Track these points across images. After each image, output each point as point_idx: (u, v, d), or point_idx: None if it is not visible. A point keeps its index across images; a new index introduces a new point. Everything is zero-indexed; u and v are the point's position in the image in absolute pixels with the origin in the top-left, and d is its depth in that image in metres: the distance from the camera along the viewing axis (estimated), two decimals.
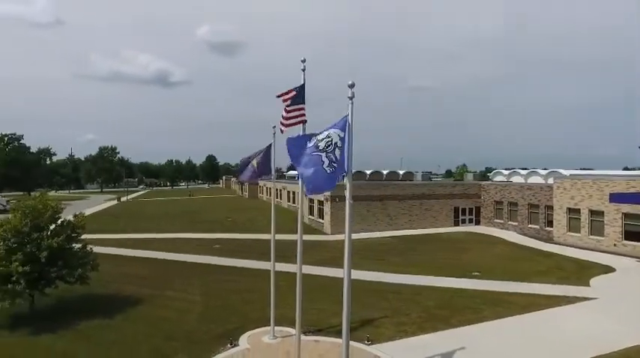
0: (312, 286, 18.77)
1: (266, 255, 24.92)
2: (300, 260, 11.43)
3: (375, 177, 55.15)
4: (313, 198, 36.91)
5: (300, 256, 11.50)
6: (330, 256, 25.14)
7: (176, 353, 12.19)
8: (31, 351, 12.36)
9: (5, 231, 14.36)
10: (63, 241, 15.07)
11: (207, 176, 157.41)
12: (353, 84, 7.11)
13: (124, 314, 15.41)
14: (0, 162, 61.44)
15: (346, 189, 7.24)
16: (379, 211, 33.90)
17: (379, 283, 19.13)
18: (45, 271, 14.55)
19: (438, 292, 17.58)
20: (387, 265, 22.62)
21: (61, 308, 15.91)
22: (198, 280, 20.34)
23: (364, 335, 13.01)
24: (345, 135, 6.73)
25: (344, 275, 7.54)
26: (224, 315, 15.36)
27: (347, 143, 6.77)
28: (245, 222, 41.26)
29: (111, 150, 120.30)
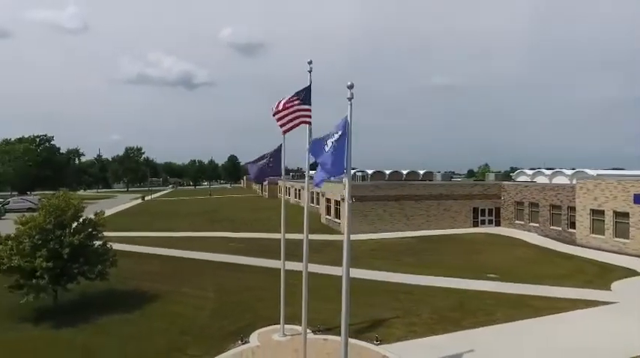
0: (324, 285, 18.90)
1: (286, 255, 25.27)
2: (305, 258, 11.61)
3: (394, 177, 54.84)
4: (330, 198, 37.04)
5: (305, 255, 11.69)
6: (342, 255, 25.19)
7: (189, 347, 12.53)
8: (52, 344, 12.93)
9: (30, 228, 15.05)
10: (84, 238, 15.69)
11: (228, 176, 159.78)
12: (352, 85, 7.20)
13: (141, 310, 15.91)
14: (32, 162, 64.16)
15: (345, 189, 7.32)
16: (396, 211, 33.71)
17: (391, 283, 19.08)
18: (67, 267, 15.19)
19: (451, 293, 17.41)
20: (401, 265, 22.52)
21: (83, 303, 16.55)
22: (213, 277, 20.78)
23: (374, 335, 13.04)
24: (342, 135, 6.83)
25: (342, 274, 7.62)
26: (236, 312, 15.66)
27: (346, 143, 6.87)
28: (262, 221, 41.72)
29: (136, 151, 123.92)
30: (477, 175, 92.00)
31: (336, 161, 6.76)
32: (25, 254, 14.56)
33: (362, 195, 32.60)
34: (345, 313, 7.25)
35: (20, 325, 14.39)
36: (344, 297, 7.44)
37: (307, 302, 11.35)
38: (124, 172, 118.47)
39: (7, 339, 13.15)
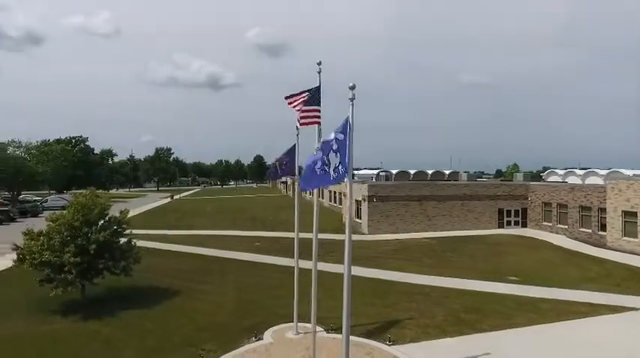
0: (339, 285, 18.95)
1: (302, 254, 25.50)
2: (315, 257, 11.76)
3: (419, 177, 54.21)
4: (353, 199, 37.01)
5: (315, 254, 11.83)
6: (363, 256, 25.16)
7: (205, 343, 12.89)
8: (77, 336, 13.60)
9: (60, 225, 15.89)
10: (109, 235, 16.41)
11: (254, 175, 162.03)
12: (354, 86, 7.29)
13: (162, 305, 16.48)
14: (68, 162, 67.37)
15: (346, 189, 7.41)
16: (418, 212, 33.34)
17: (408, 284, 18.94)
18: (93, 262, 15.94)
19: (468, 295, 17.13)
20: (419, 266, 22.30)
21: (109, 298, 17.30)
22: (235, 275, 21.24)
23: (386, 335, 13.04)
24: (344, 137, 6.92)
25: (344, 273, 7.72)
26: (254, 310, 15.97)
27: (347, 144, 6.96)
28: (285, 221, 42.16)
29: (166, 151, 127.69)
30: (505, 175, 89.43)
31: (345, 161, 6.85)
32: (54, 249, 15.38)
33: (383, 195, 32.47)
34: (347, 312, 7.34)
35: (50, 317, 15.20)
36: (345, 296, 7.53)
37: (316, 300, 11.48)
38: (154, 172, 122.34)
39: (38, 331, 13.93)
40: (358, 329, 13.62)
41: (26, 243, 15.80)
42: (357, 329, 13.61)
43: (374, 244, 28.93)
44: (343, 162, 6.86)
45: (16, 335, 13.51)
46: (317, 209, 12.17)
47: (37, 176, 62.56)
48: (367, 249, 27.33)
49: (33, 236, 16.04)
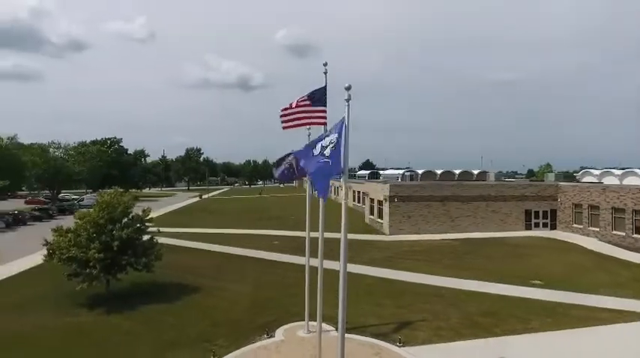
0: (356, 286, 19.02)
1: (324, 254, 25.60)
2: (320, 256, 11.80)
3: (445, 177, 53.18)
4: (374, 198, 36.84)
5: (320, 253, 11.87)
6: (382, 256, 25.06)
7: (218, 338, 13.24)
8: (100, 328, 14.27)
9: (86, 222, 16.70)
10: (131, 233, 17.10)
11: None
12: (349, 86, 7.34)
13: (181, 301, 17.01)
14: (103, 162, 70.41)
15: (341, 189, 7.47)
16: (440, 212, 32.76)
17: (425, 285, 18.70)
18: (117, 258, 16.66)
19: (486, 298, 16.75)
20: (439, 268, 21.96)
21: (132, 293, 18.00)
22: (252, 273, 21.63)
23: (397, 336, 12.96)
24: (340, 137, 6.99)
25: (340, 270, 7.76)
26: (269, 307, 16.22)
27: (342, 144, 7.02)
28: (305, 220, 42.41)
29: (196, 151, 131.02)
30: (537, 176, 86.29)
31: (335, 162, 6.92)
32: (80, 245, 16.19)
33: (405, 196, 32.11)
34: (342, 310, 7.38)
35: (77, 310, 16.01)
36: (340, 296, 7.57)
37: (322, 299, 11.56)
38: (185, 172, 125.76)
39: (64, 322, 14.70)
40: (369, 330, 13.64)
41: (55, 239, 16.70)
42: (367, 330, 13.64)
43: (394, 245, 28.68)
44: (337, 161, 6.93)
45: (44, 326, 14.32)
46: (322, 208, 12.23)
47: (74, 175, 65.75)
48: (386, 249, 27.15)
49: (61, 233, 16.94)
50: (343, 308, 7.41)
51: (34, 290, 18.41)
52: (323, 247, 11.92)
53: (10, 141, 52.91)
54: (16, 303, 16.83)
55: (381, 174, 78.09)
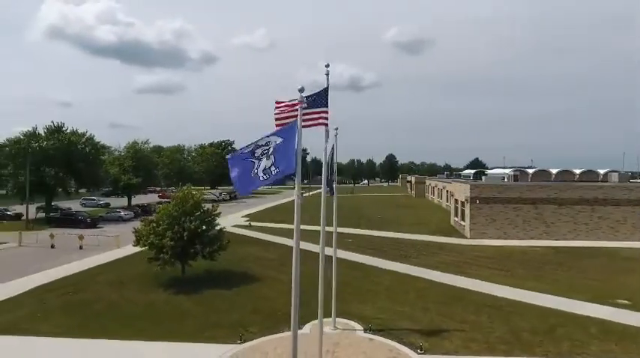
0: (408, 288, 18.60)
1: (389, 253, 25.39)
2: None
3: (563, 176, 47.23)
4: (457, 199, 34.65)
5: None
6: (451, 260, 23.67)
7: (252, 325, 14.32)
8: (166, 305, 16.55)
9: (163, 214, 19.43)
10: (199, 225, 19.33)
11: (386, 174, 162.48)
12: (302, 88, 7.54)
13: (238, 288, 18.63)
14: (216, 163, 79.09)
15: (295, 189, 7.69)
16: (532, 216, 29.33)
17: (484, 295, 17.25)
18: (186, 247, 19.05)
19: (549, 315, 14.83)
20: (509, 277, 19.97)
21: (202, 278, 20.30)
22: (312, 268, 22.43)
23: (420, 343, 12.44)
24: (286, 140, 7.25)
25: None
26: (310, 302, 16.78)
27: (292, 146, 7.27)
28: (391, 220, 41.84)
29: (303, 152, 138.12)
30: None
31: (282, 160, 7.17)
32: (157, 234, 18.91)
33: (488, 197, 29.57)
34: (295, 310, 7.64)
35: (156, 289, 18.73)
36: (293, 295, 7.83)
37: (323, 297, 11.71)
38: None
39: (144, 297, 17.37)
40: (398, 333, 13.35)
41: (141, 228, 19.79)
42: (395, 332, 13.37)
43: (469, 249, 26.74)
44: (280, 164, 7.19)
45: (130, 298, 17.24)
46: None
47: (194, 174, 75.27)
48: (458, 254, 25.48)
49: (146, 222, 19.97)
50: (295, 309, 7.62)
51: (133, 270, 21.93)
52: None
53: (144, 144, 62.99)
54: (119, 280, 20.35)
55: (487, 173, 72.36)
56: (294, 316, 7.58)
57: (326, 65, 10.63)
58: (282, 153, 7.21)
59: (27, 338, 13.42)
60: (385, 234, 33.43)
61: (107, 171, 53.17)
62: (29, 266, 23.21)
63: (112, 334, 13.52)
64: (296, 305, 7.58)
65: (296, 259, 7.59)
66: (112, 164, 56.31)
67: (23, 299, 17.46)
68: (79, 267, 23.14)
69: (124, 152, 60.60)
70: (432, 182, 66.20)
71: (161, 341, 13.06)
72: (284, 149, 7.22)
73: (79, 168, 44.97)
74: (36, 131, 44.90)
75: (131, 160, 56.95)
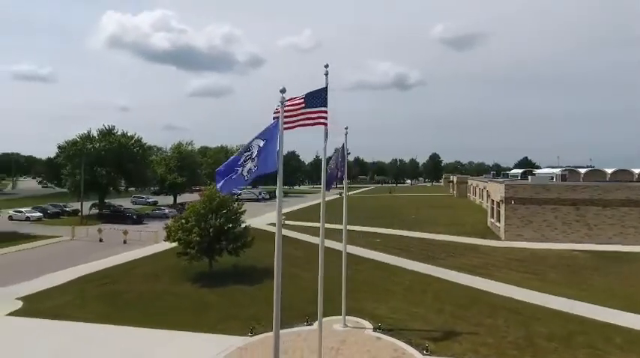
0: (426, 289, 18.37)
1: (416, 254, 25.06)
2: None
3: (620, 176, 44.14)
4: (494, 200, 33.35)
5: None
6: (479, 263, 22.96)
7: (265, 319, 14.73)
8: (192, 297, 17.47)
9: (191, 212, 20.47)
10: (224, 222, 20.18)
11: (430, 174, 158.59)
12: (284, 89, 7.82)
13: (261, 284, 19.19)
14: None
15: (276, 188, 7.97)
16: (572, 218, 27.63)
17: (505, 298, 16.68)
18: (212, 243, 19.97)
19: (570, 322, 14.11)
20: (537, 281, 19.10)
21: (229, 273, 21.12)
22: (336, 266, 22.65)
23: (426, 344, 12.31)
24: (267, 141, 7.56)
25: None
26: (329, 299, 16.89)
27: (274, 147, 7.57)
28: (426, 220, 41.01)
29: None
30: None
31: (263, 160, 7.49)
32: (185, 230, 19.97)
33: (524, 197, 28.22)
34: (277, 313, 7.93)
35: (184, 282, 19.79)
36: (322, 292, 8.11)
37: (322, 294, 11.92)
38: None
39: (173, 289, 18.46)
40: (407, 333, 13.34)
41: (171, 224, 20.97)
42: (405, 333, 13.35)
43: (501, 251, 25.71)
44: (260, 164, 7.50)
45: (161, 289, 18.41)
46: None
47: None
48: (488, 256, 24.61)
49: (176, 219, 21.15)
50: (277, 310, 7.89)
51: (166, 264, 23.24)
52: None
53: (188, 145, 66.06)
54: (153, 272, 21.70)
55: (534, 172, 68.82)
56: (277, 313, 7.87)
57: (325, 65, 10.83)
58: (264, 154, 7.54)
59: (64, 322, 14.76)
60: (416, 235, 32.90)
61: (154, 171, 56.31)
62: (77, 258, 25.29)
63: (136, 322, 14.55)
64: (278, 301, 7.85)
65: (278, 261, 7.87)
66: (159, 164, 59.51)
67: (67, 288, 19.14)
68: (119, 259, 24.89)
69: (170, 153, 63.84)
70: (474, 182, 63.95)
71: (179, 330, 13.87)
72: (265, 150, 7.55)
73: (128, 168, 48.02)
74: (90, 134, 48.51)
75: (176, 160, 59.88)
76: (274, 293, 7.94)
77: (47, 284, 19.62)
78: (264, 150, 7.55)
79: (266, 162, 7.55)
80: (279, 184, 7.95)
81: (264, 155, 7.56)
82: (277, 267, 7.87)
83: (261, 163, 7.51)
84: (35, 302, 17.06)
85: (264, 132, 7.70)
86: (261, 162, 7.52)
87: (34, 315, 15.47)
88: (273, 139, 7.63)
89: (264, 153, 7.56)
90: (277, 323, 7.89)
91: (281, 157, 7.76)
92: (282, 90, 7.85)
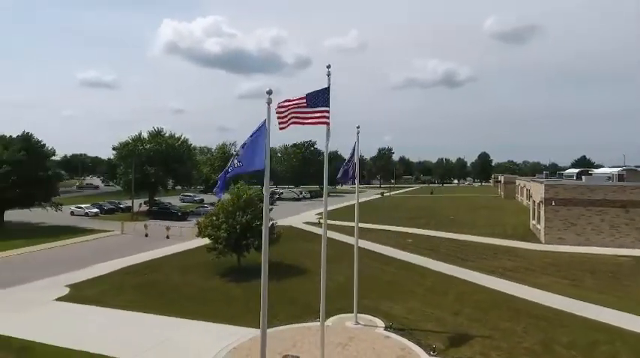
0: (447, 291, 18.06)
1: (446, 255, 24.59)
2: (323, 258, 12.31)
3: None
4: (535, 201, 31.67)
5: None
6: (512, 266, 22.06)
7: (281, 314, 15.20)
8: (218, 290, 18.30)
9: (220, 209, 21.43)
10: (250, 219, 20.93)
11: (478, 174, 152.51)
12: (270, 91, 8.16)
13: (285, 280, 19.71)
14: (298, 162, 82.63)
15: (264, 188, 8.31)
16: (621, 221, 25.62)
17: (531, 304, 15.97)
18: (239, 239, 20.79)
19: (595, 329, 13.33)
20: (570, 287, 18.06)
21: (256, 269, 21.76)
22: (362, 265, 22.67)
23: (435, 344, 12.18)
24: (254, 138, 7.92)
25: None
26: (346, 297, 17.24)
27: (260, 144, 7.92)
28: (465, 222, 39.75)
29: (387, 151, 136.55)
30: None
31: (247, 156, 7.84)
32: (214, 226, 20.96)
33: (566, 198, 26.59)
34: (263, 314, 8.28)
35: (213, 276, 20.78)
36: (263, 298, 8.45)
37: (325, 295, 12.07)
38: (376, 170, 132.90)
39: (202, 282, 19.47)
40: (418, 333, 13.24)
41: (202, 221, 22.08)
42: (416, 333, 13.28)
43: (539, 255, 24.45)
44: (243, 159, 7.86)
45: (191, 282, 19.56)
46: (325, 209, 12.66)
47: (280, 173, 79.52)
48: (524, 259, 23.51)
49: (207, 216, 22.23)
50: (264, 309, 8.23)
51: (200, 259, 24.42)
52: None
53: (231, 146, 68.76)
54: (187, 266, 22.97)
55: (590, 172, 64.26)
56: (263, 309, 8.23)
57: (327, 66, 11.03)
58: (251, 152, 7.92)
59: (101, 308, 16.12)
60: (450, 236, 32.04)
61: (200, 170, 59.12)
62: (123, 250, 27.28)
63: (163, 310, 15.58)
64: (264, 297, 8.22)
65: (264, 263, 8.23)
66: (204, 164, 62.44)
67: (109, 278, 20.78)
68: (159, 253, 26.53)
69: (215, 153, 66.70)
70: (521, 182, 60.84)
71: (199, 320, 14.69)
72: (251, 146, 7.93)
73: (174, 167, 50.79)
74: (140, 135, 51.83)
75: (220, 160, 62.46)
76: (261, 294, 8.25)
77: (93, 273, 21.43)
78: (249, 148, 7.93)
79: (253, 160, 7.92)
80: (266, 181, 8.31)
81: (251, 153, 7.93)
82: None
83: (248, 161, 7.90)
84: (80, 289, 18.73)
85: (254, 131, 8.09)
86: (247, 159, 7.91)
87: (78, 301, 17.02)
88: (260, 137, 7.99)
89: (250, 151, 7.94)
90: (264, 321, 8.24)
91: (267, 156, 8.09)
92: (268, 91, 8.19)
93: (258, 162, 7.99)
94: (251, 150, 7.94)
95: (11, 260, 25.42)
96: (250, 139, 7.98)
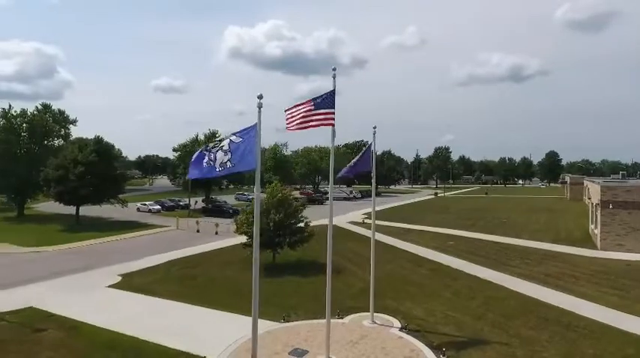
0: (476, 294, 17.61)
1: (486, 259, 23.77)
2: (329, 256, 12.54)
3: None
4: (593, 203, 29.22)
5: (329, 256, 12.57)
6: (557, 272, 20.81)
7: (301, 309, 15.73)
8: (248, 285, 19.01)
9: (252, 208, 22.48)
10: (283, 218, 21.74)
11: (546, 174, 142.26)
12: (261, 95, 8.67)
13: (313, 277, 20.19)
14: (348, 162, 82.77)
15: (255, 187, 8.82)
16: None
17: (564, 312, 15.06)
18: (272, 236, 21.69)
19: (630, 343, 12.27)
20: (617, 297, 16.67)
21: (289, 266, 22.59)
22: (394, 266, 22.66)
23: (448, 348, 12.02)
24: (244, 140, 8.47)
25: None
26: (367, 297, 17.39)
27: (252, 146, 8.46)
28: (518, 225, 37.67)
29: (444, 150, 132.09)
30: None
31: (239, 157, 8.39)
32: (250, 223, 22.01)
33: (627, 201, 24.25)
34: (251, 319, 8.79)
35: (247, 271, 21.25)
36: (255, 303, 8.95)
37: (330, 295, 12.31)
38: (432, 170, 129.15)
39: (238, 276, 20.57)
40: (432, 336, 13.13)
41: (240, 218, 23.28)
42: (430, 336, 13.17)
43: (589, 262, 22.63)
44: (235, 160, 8.42)
45: (227, 276, 20.86)
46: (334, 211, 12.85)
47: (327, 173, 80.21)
48: (570, 265, 21.95)
49: (244, 213, 23.40)
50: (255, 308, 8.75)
51: (240, 254, 25.59)
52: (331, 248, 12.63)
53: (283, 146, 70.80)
54: (225, 261, 24.27)
55: None
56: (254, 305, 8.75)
57: (333, 69, 11.33)
58: (241, 152, 8.50)
59: (144, 296, 17.75)
60: (495, 239, 30.65)
61: None
62: (175, 244, 29.45)
63: (199, 301, 16.76)
64: (256, 294, 8.74)
65: (255, 263, 8.74)
66: None
67: (157, 269, 22.66)
68: (207, 248, 28.28)
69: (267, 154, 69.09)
70: (589, 183, 56.00)
71: (225, 311, 15.67)
72: (242, 148, 8.50)
73: None
74: (197, 137, 55.23)
75: (272, 161, 64.56)
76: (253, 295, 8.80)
77: (144, 265, 23.48)
78: (240, 149, 8.50)
79: (243, 160, 8.49)
80: (257, 182, 8.85)
81: (241, 153, 8.50)
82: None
83: (239, 161, 8.48)
84: (130, 278, 20.68)
85: (242, 131, 8.66)
86: (238, 159, 8.49)
87: (126, 288, 18.86)
88: (252, 139, 8.55)
89: (241, 151, 8.51)
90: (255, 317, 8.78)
91: (259, 156, 8.61)
92: (259, 96, 8.71)
93: (250, 163, 8.55)
94: (242, 151, 8.52)
95: (82, 250, 28.57)
96: (240, 140, 8.56)
